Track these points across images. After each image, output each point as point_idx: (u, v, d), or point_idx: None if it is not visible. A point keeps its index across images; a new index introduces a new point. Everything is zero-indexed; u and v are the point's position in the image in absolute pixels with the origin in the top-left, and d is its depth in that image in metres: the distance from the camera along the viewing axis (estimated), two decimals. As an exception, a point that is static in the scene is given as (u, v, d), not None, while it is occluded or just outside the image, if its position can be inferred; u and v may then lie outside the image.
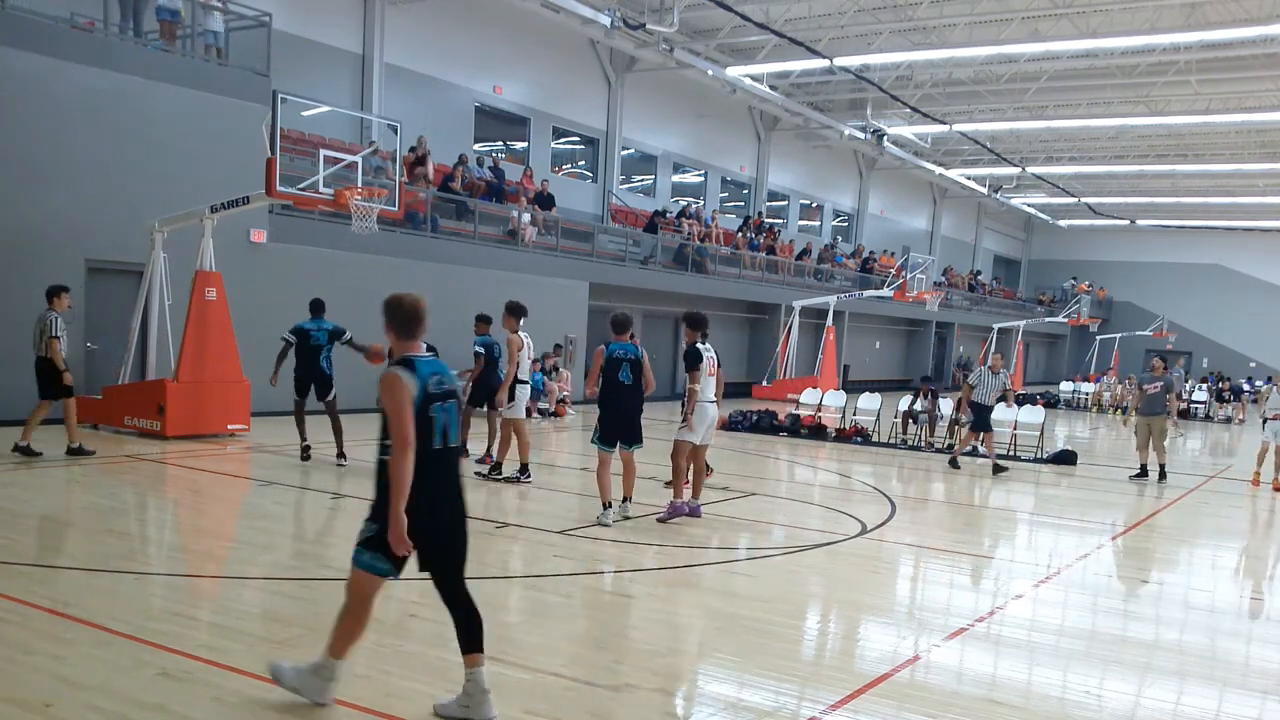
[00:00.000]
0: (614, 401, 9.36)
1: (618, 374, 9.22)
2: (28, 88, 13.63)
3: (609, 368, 9.31)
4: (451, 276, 19.96)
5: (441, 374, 4.63)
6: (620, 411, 9.38)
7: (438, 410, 4.55)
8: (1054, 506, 12.88)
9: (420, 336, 4.68)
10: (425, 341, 4.91)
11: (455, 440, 4.67)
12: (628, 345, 9.38)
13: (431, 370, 4.59)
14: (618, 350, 9.29)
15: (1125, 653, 6.51)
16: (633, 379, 9.31)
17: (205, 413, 13.82)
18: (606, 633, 6.20)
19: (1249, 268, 51.93)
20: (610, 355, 9.24)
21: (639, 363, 9.41)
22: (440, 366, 4.66)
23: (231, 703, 4.73)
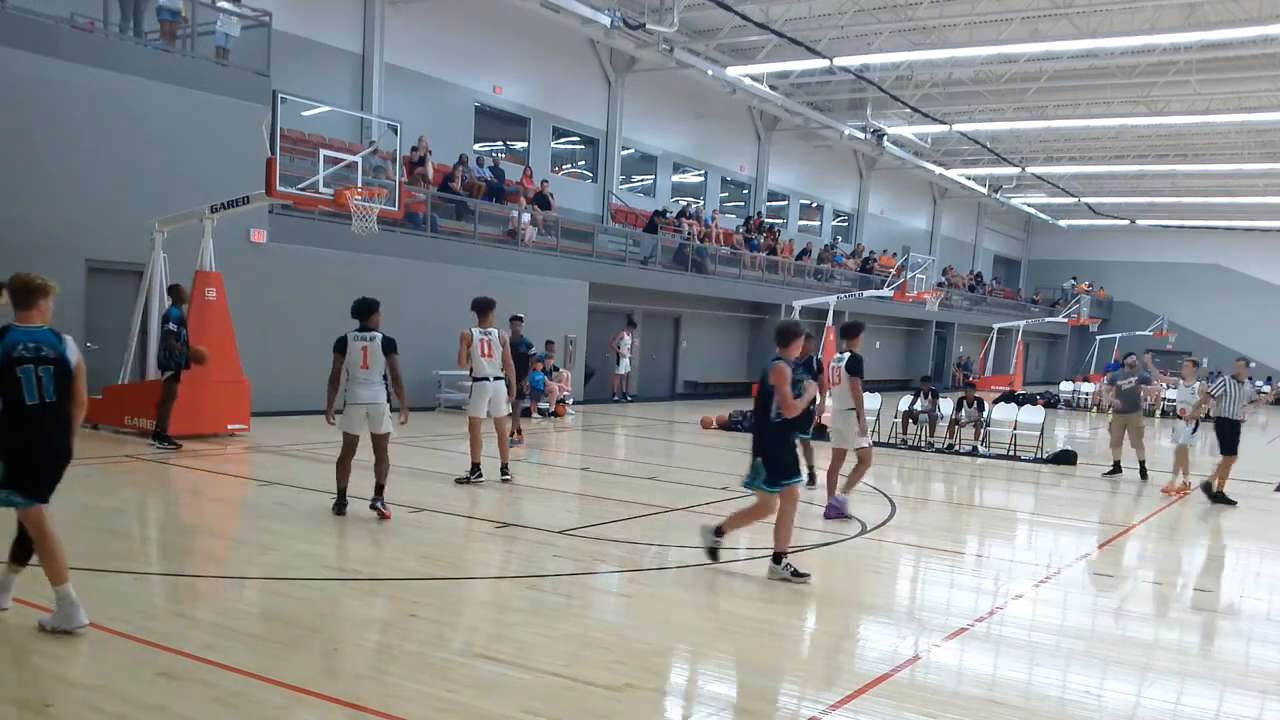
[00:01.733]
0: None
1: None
2: (28, 88, 13.63)
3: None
4: (451, 276, 19.97)
5: (40, 341, 5.54)
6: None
7: (26, 371, 5.45)
8: (1054, 506, 12.88)
9: (31, 309, 5.66)
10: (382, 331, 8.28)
11: (51, 397, 5.51)
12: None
13: (26, 337, 5.53)
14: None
15: (1125, 653, 6.51)
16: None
17: (205, 413, 13.81)
18: (606, 633, 6.20)
19: (1249, 268, 51.94)
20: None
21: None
22: (43, 335, 5.57)
23: (231, 703, 4.72)
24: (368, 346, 9.08)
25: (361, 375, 9.05)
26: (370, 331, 9.19)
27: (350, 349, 9.09)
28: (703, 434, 18.84)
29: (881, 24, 25.84)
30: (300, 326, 17.29)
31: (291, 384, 17.00)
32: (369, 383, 9.08)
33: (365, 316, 9.31)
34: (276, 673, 5.11)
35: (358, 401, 9.08)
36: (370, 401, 9.08)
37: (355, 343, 9.10)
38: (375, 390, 9.11)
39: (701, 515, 10.31)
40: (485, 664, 5.45)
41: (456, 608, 6.65)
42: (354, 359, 9.07)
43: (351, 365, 9.08)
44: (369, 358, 9.07)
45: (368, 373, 9.06)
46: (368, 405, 9.09)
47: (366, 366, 9.05)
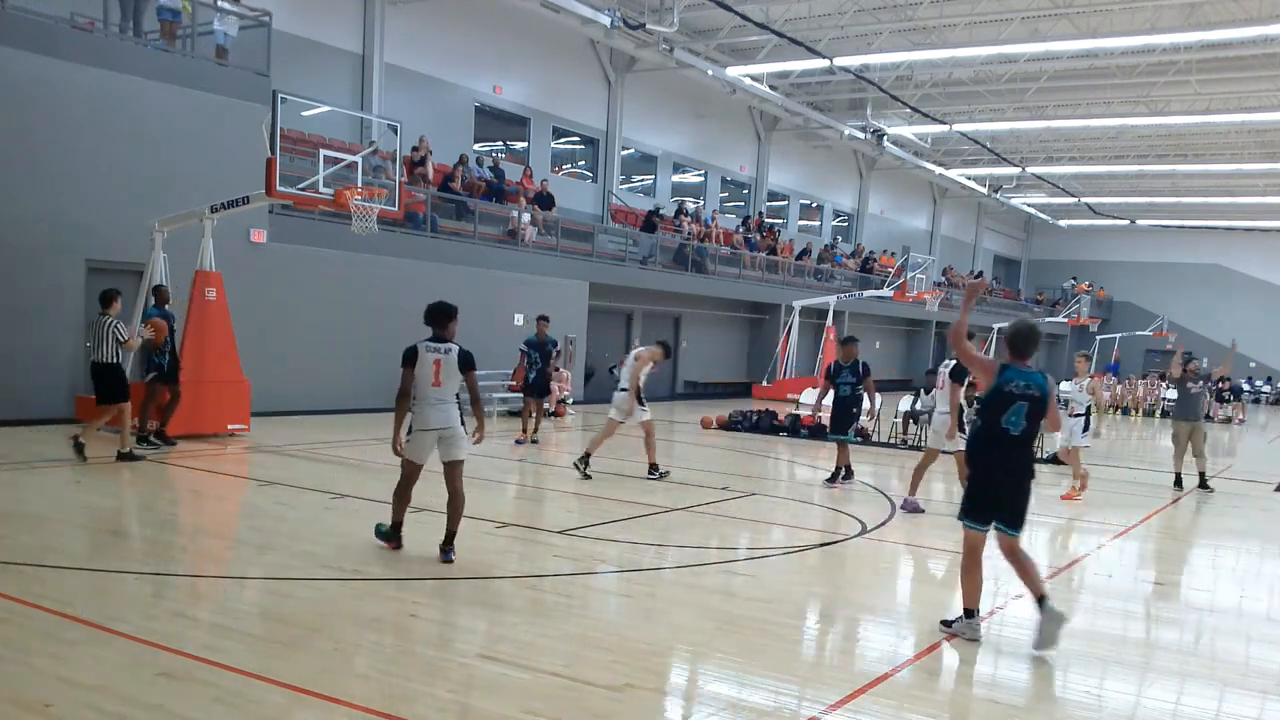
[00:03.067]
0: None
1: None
2: (28, 88, 13.63)
3: None
4: (451, 276, 19.97)
5: None
6: None
7: None
8: (1054, 506, 12.87)
9: None
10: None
11: None
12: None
13: None
14: None
15: (1125, 653, 6.51)
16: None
17: (205, 413, 13.81)
18: (606, 633, 6.20)
19: (1249, 268, 51.93)
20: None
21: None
22: None
23: (231, 703, 4.72)
24: (441, 360, 7.61)
25: (432, 394, 7.59)
26: (445, 342, 7.70)
27: (421, 362, 7.60)
28: (703, 434, 18.84)
29: (881, 24, 25.85)
30: (300, 326, 17.32)
31: (291, 384, 17.04)
32: (440, 403, 7.61)
33: (442, 324, 7.79)
34: (276, 673, 5.11)
35: (427, 426, 7.59)
36: (442, 426, 7.58)
37: (427, 354, 7.62)
38: (448, 412, 7.63)
39: (701, 515, 10.32)
40: (485, 664, 5.45)
41: (456, 608, 6.65)
42: (424, 374, 7.60)
43: (421, 382, 7.61)
44: (442, 373, 7.60)
45: (440, 391, 7.60)
46: (439, 430, 7.59)
47: (439, 384, 7.59)
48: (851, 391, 12.86)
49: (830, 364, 13.37)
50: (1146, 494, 13.87)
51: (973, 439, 6.40)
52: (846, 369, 12.91)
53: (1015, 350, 6.33)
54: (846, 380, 12.87)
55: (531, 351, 15.69)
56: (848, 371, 12.89)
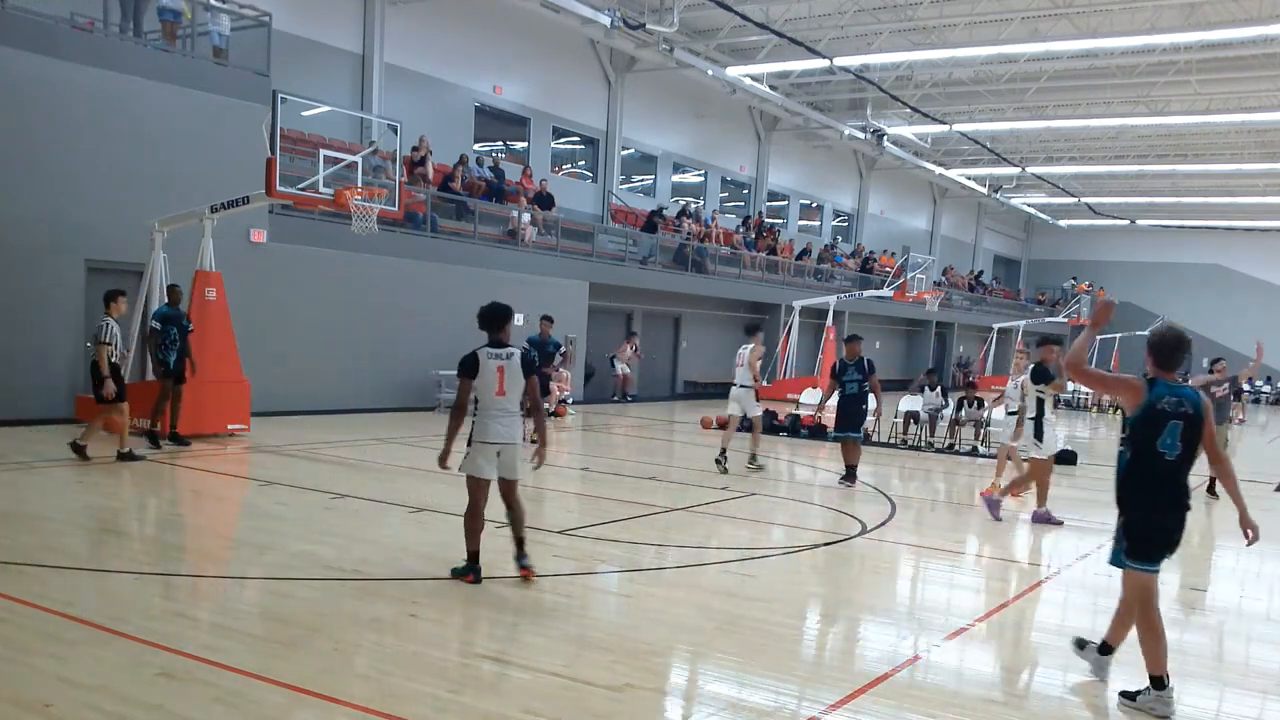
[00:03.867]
0: None
1: None
2: (28, 88, 13.63)
3: None
4: (451, 276, 19.98)
5: None
6: None
7: None
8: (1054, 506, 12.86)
9: None
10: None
11: None
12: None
13: None
14: None
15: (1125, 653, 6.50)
16: None
17: (205, 413, 13.81)
18: (606, 633, 6.20)
19: (1249, 268, 51.93)
20: None
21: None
22: None
23: (231, 703, 4.72)
24: (504, 367, 6.91)
25: (496, 405, 6.90)
26: (505, 347, 7.02)
27: (483, 370, 6.89)
28: (703, 434, 18.83)
29: (881, 24, 25.85)
30: (300, 326, 17.32)
31: (291, 384, 17.04)
32: (505, 414, 6.93)
33: (499, 327, 7.10)
34: (276, 673, 5.11)
35: (489, 439, 6.89)
36: (505, 440, 6.93)
37: (490, 361, 6.91)
38: (512, 425, 6.97)
39: (701, 515, 10.32)
40: (485, 664, 5.46)
41: (456, 608, 6.65)
42: (487, 383, 6.90)
43: (483, 391, 6.93)
44: (506, 381, 6.89)
45: (504, 401, 6.90)
46: (501, 445, 6.92)
47: (503, 393, 6.88)
48: (859, 389, 12.86)
49: (835, 363, 13.35)
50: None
51: (1125, 469, 5.45)
52: (852, 367, 12.90)
53: (1161, 362, 5.54)
54: (853, 378, 12.86)
55: (533, 350, 15.67)
56: (853, 370, 12.88)
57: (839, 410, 13.08)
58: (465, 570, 7.09)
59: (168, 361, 12.80)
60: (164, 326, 12.81)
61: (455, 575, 7.12)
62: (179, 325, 12.91)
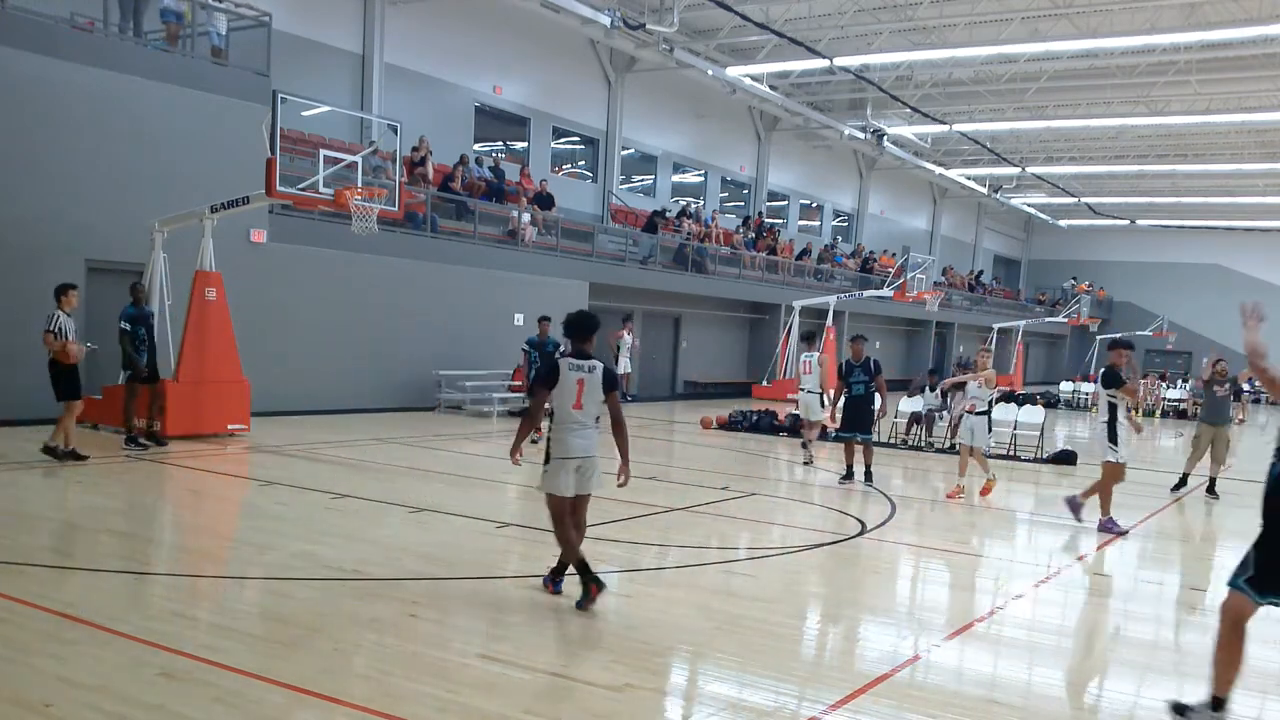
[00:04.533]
0: None
1: None
2: (28, 88, 13.63)
3: None
4: (451, 276, 19.99)
5: None
6: None
7: None
8: (1054, 506, 12.87)
9: None
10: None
11: None
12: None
13: None
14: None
15: (1125, 653, 6.51)
16: None
17: (205, 413, 13.81)
18: (606, 633, 6.20)
19: (1249, 268, 51.91)
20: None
21: None
22: None
23: (231, 703, 4.72)
24: (585, 380, 6.63)
25: (574, 418, 6.64)
26: (589, 360, 6.71)
27: (563, 381, 6.61)
28: (703, 434, 18.84)
29: (881, 24, 25.85)
30: (300, 326, 17.32)
31: (291, 384, 17.04)
32: (583, 428, 6.68)
33: (585, 337, 6.81)
34: (276, 673, 5.11)
35: (569, 454, 6.65)
36: (584, 455, 6.69)
37: (571, 373, 6.61)
38: (590, 439, 6.70)
39: (701, 515, 10.32)
40: (485, 664, 5.45)
41: (456, 608, 6.65)
42: (565, 395, 6.61)
43: (560, 403, 6.64)
44: (585, 394, 6.65)
45: (582, 414, 6.65)
46: (580, 460, 6.69)
47: (580, 406, 6.63)
48: (865, 390, 12.87)
49: (842, 363, 13.33)
50: (1147, 494, 13.86)
51: (1275, 483, 4.99)
52: (858, 368, 12.88)
53: None
54: (860, 379, 12.83)
55: (532, 351, 15.84)
56: (860, 370, 12.86)
57: (846, 411, 13.06)
58: (552, 580, 6.94)
59: (139, 362, 12.64)
60: (133, 327, 12.61)
61: (547, 583, 7.00)
62: (147, 324, 12.75)
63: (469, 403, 19.62)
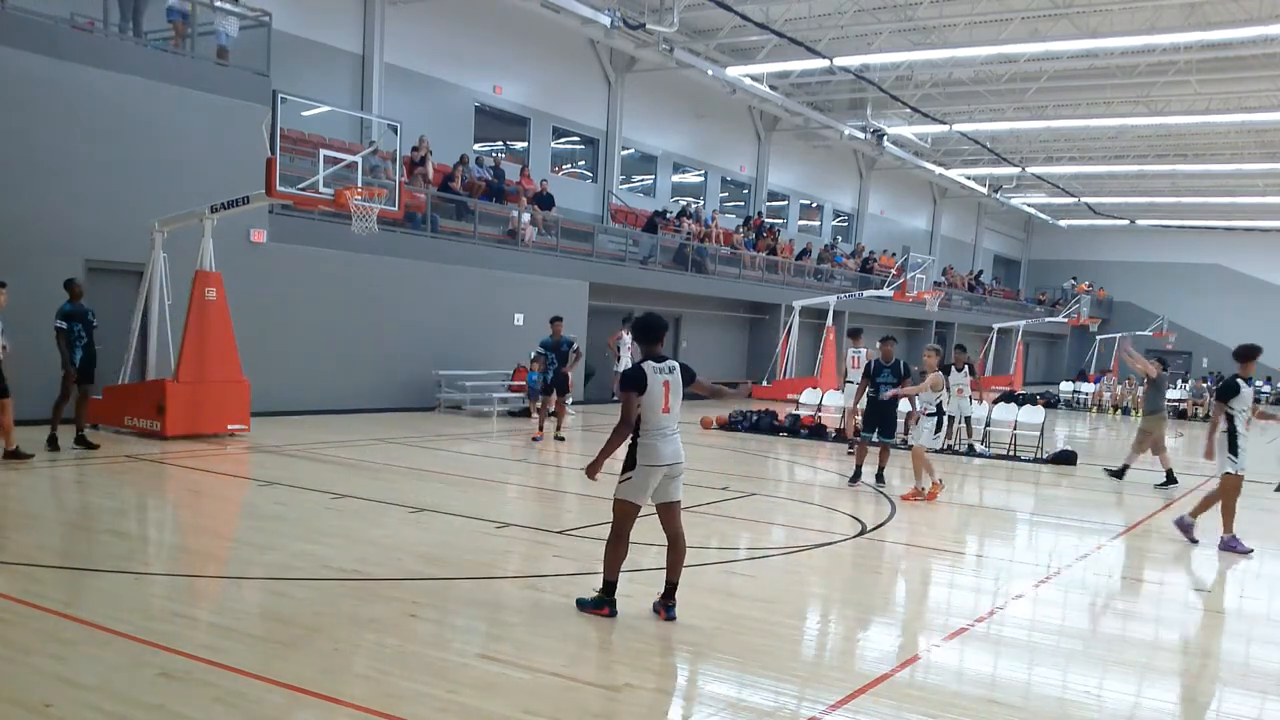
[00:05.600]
0: None
1: None
2: (28, 88, 13.63)
3: None
4: (451, 276, 19.99)
5: None
6: None
7: None
8: (1054, 506, 12.87)
9: None
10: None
11: None
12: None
13: None
14: None
15: (1125, 653, 6.51)
16: None
17: (205, 413, 13.81)
18: (606, 633, 6.20)
19: (1249, 268, 51.94)
20: None
21: None
22: None
23: (231, 703, 4.72)
24: (669, 381, 6.33)
25: (662, 422, 6.29)
26: (667, 360, 6.44)
27: (651, 386, 6.24)
28: (703, 434, 18.84)
29: (881, 24, 25.85)
30: (300, 326, 17.32)
31: (291, 384, 17.04)
32: (672, 433, 6.36)
33: (658, 339, 6.48)
34: (276, 673, 5.11)
35: (659, 461, 6.28)
36: (675, 460, 6.36)
37: (656, 377, 6.27)
38: (679, 443, 6.41)
39: (701, 515, 10.32)
40: (485, 664, 5.45)
41: (456, 608, 6.65)
42: (654, 400, 6.24)
43: (650, 409, 6.26)
44: (671, 397, 6.32)
45: (669, 418, 6.33)
46: (669, 465, 6.34)
47: (668, 410, 6.31)
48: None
49: (870, 362, 13.15)
50: (1147, 494, 13.86)
51: None
52: (888, 369, 12.73)
53: None
54: (888, 380, 12.59)
55: (548, 353, 15.95)
56: (889, 371, 12.71)
57: (868, 411, 12.84)
58: (601, 602, 6.43)
59: (74, 361, 12.11)
60: (69, 324, 12.07)
61: (586, 608, 6.45)
62: (84, 321, 12.21)
63: (469, 403, 19.62)
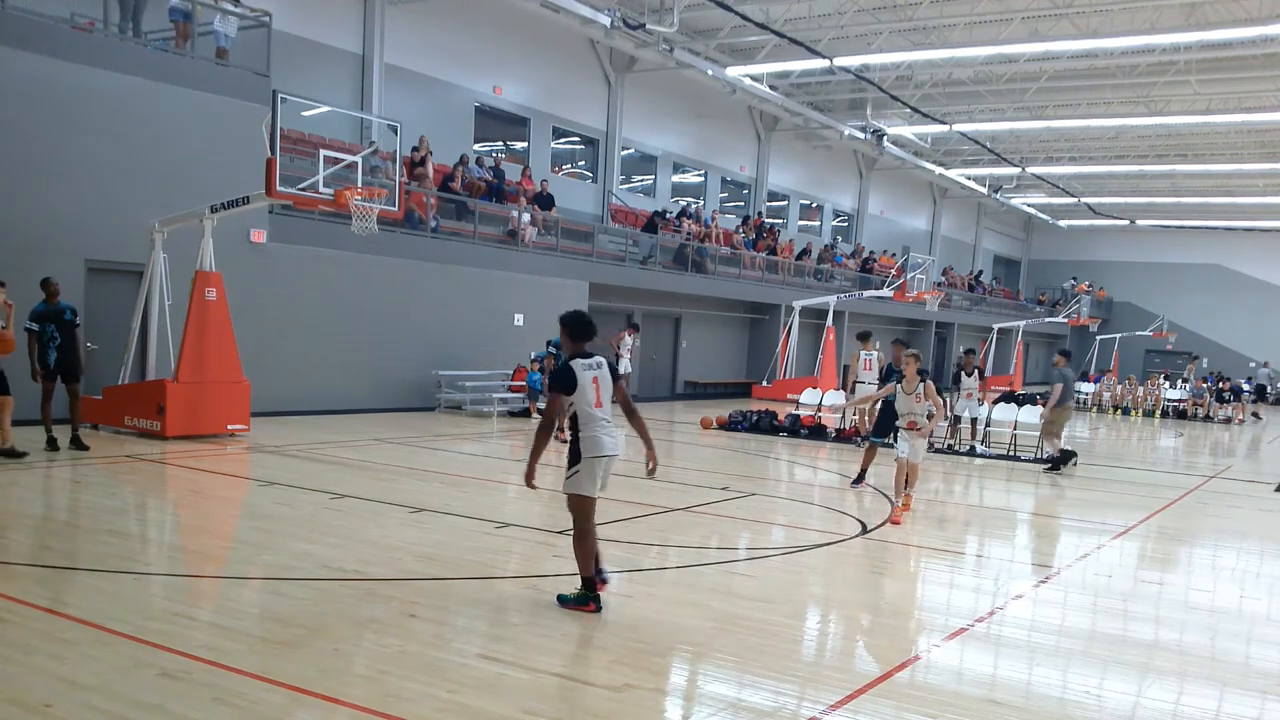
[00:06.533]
0: None
1: None
2: (28, 88, 13.63)
3: None
4: (451, 276, 19.99)
5: None
6: None
7: None
8: (1054, 506, 12.88)
9: None
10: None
11: None
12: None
13: None
14: None
15: (1125, 653, 6.51)
16: None
17: (205, 413, 13.82)
18: (606, 633, 6.20)
19: (1249, 268, 51.94)
20: None
21: None
22: None
23: (231, 703, 4.72)
24: (598, 377, 6.63)
25: (597, 415, 6.59)
26: (594, 358, 6.70)
27: (581, 382, 6.52)
28: (703, 434, 18.84)
29: (881, 24, 25.84)
30: (300, 326, 17.32)
31: (291, 384, 17.04)
32: (609, 424, 6.68)
33: (586, 338, 6.75)
34: (276, 673, 5.12)
35: (601, 452, 6.58)
36: (614, 452, 6.66)
37: (585, 373, 6.56)
38: (617, 434, 6.79)
39: (701, 515, 10.33)
40: (485, 664, 5.46)
41: (456, 608, 6.65)
42: (586, 395, 6.53)
43: (582, 405, 6.54)
44: (601, 392, 6.64)
45: (603, 411, 6.64)
46: (610, 457, 6.64)
47: (600, 404, 6.61)
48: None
49: (884, 367, 13.13)
50: (1147, 494, 13.87)
51: None
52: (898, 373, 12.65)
53: None
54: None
55: (559, 352, 15.75)
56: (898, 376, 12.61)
57: (883, 416, 12.67)
58: (585, 599, 6.52)
59: (48, 361, 11.96)
60: (41, 325, 11.90)
61: (568, 604, 6.53)
62: (59, 321, 12.00)
63: (469, 403, 19.63)
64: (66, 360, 12.19)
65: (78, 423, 12.55)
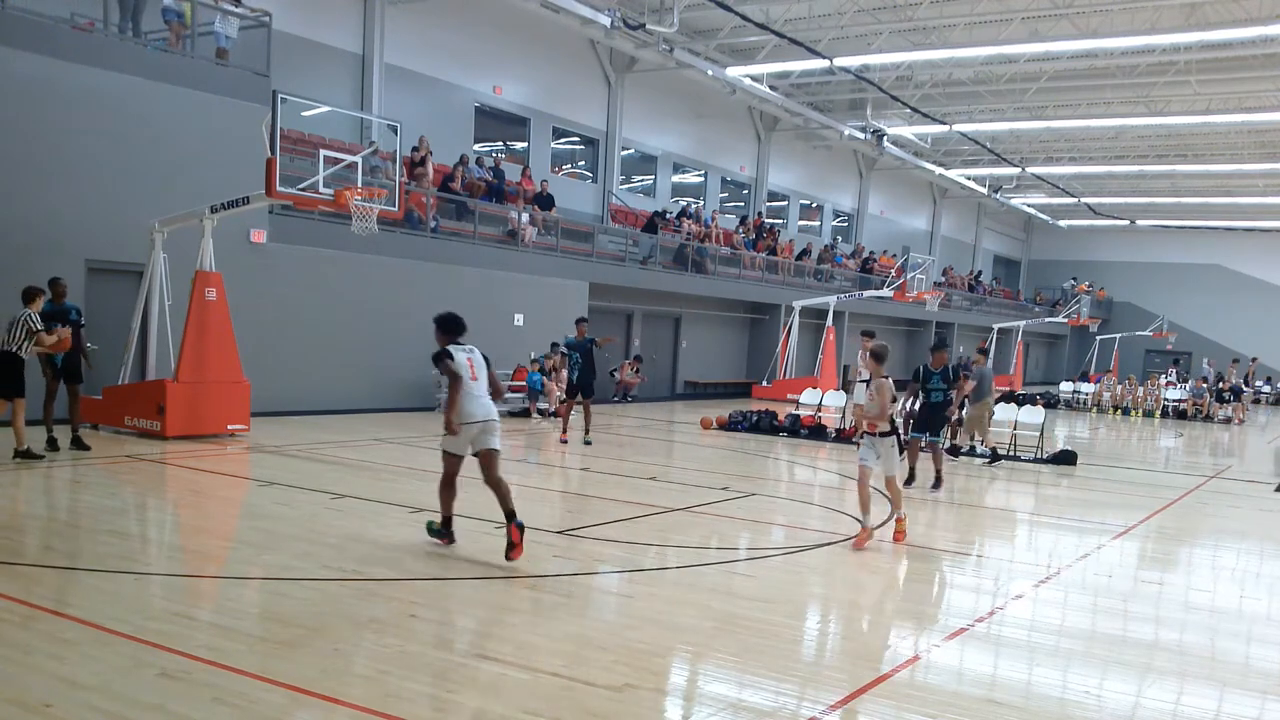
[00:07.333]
0: None
1: None
2: (28, 88, 13.64)
3: None
4: (451, 276, 19.98)
5: None
6: None
7: None
8: (1054, 506, 12.88)
9: None
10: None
11: None
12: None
13: None
14: None
15: (1125, 653, 6.51)
16: None
17: (205, 413, 13.82)
18: (606, 633, 6.20)
19: (1249, 268, 51.93)
20: None
21: None
22: None
23: (231, 703, 4.72)
24: (471, 357, 8.00)
25: (471, 388, 7.94)
26: (466, 345, 8.16)
27: (458, 357, 7.88)
28: (703, 434, 18.84)
29: (881, 24, 25.84)
30: (300, 326, 17.33)
31: (291, 384, 17.04)
32: (480, 395, 8.00)
33: (456, 334, 8.16)
34: (276, 673, 5.11)
35: (470, 419, 7.87)
36: (485, 417, 7.97)
37: (460, 353, 7.94)
38: (487, 403, 8.00)
39: (702, 515, 10.33)
40: (485, 664, 5.46)
41: (456, 608, 6.65)
42: (461, 369, 7.88)
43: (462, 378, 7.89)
44: (475, 368, 7.95)
45: (477, 385, 7.98)
46: (482, 422, 7.89)
47: (475, 378, 7.90)
48: (944, 398, 13.12)
49: (918, 368, 13.31)
50: (1146, 494, 13.88)
51: None
52: (937, 375, 13.02)
53: None
54: (938, 386, 13.03)
55: (573, 353, 15.78)
56: (938, 378, 13.00)
57: (919, 415, 13.11)
58: (442, 533, 8.18)
59: (54, 361, 12.01)
60: (47, 325, 11.75)
61: (432, 534, 8.19)
62: (65, 321, 11.95)
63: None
64: (72, 360, 12.25)
65: (78, 423, 12.56)
